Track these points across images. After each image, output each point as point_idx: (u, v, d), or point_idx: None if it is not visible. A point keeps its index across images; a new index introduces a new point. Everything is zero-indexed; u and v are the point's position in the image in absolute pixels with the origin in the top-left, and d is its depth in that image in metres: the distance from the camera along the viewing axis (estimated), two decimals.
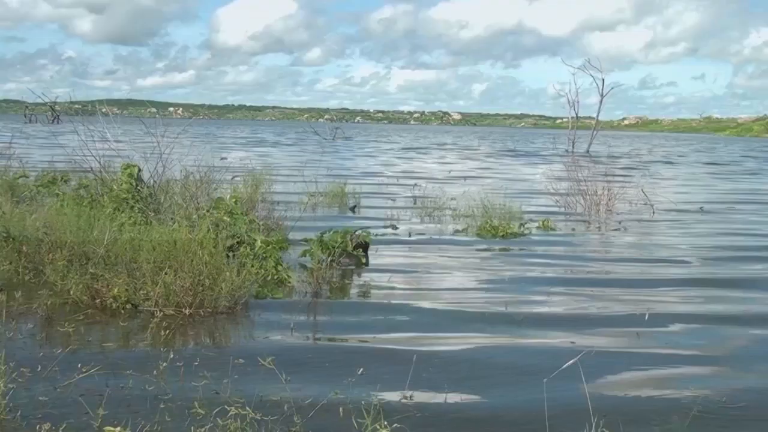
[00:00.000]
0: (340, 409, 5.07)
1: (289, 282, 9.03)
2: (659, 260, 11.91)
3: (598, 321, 8.14)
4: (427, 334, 7.46)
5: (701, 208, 19.79)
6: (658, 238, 14.44)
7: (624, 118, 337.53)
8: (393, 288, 9.35)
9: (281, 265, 9.38)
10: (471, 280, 10.00)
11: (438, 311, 8.36)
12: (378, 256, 11.15)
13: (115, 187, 11.14)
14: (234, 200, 11.07)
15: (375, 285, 9.52)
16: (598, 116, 63.22)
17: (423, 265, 10.81)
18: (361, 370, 5.70)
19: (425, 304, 8.60)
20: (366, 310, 8.30)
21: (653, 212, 18.05)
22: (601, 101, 60.54)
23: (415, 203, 18.20)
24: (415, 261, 11.13)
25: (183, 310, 7.61)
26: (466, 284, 9.77)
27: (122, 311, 7.58)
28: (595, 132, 61.77)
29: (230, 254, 8.57)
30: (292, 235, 11.67)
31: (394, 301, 8.66)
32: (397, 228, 14.10)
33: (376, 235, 12.18)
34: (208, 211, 10.41)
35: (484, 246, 12.71)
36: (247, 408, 4.84)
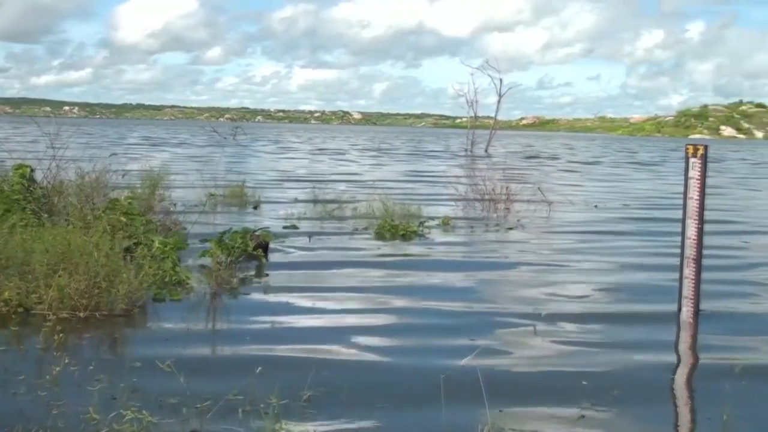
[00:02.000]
0: (239, 410, 5.05)
1: (188, 283, 8.92)
2: (555, 258, 12.19)
3: (495, 317, 8.24)
4: (328, 335, 7.46)
5: (595, 206, 20.32)
6: (553, 235, 14.74)
7: (522, 118, 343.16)
8: (293, 288, 9.31)
9: (179, 266, 9.27)
10: (370, 280, 10.04)
11: (338, 311, 8.37)
12: (278, 256, 11.12)
13: (5, 187, 10.81)
14: (130, 201, 10.86)
15: (275, 285, 9.49)
16: (496, 116, 64.41)
17: (323, 265, 10.82)
18: (259, 368, 5.68)
19: (326, 305, 8.61)
20: (265, 311, 8.24)
21: (549, 210, 18.42)
22: (499, 101, 61.68)
23: (316, 203, 18.17)
24: (315, 260, 11.13)
25: (78, 313, 7.45)
26: (365, 284, 9.80)
27: (14, 315, 7.38)
28: (493, 132, 62.78)
29: (127, 256, 8.43)
30: (191, 236, 11.54)
31: (294, 302, 8.63)
32: (297, 228, 14.06)
33: (277, 235, 12.12)
34: (103, 212, 10.21)
35: (384, 245, 12.79)
36: (144, 412, 4.78)
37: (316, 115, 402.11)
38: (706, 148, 8.11)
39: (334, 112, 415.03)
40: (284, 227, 13.94)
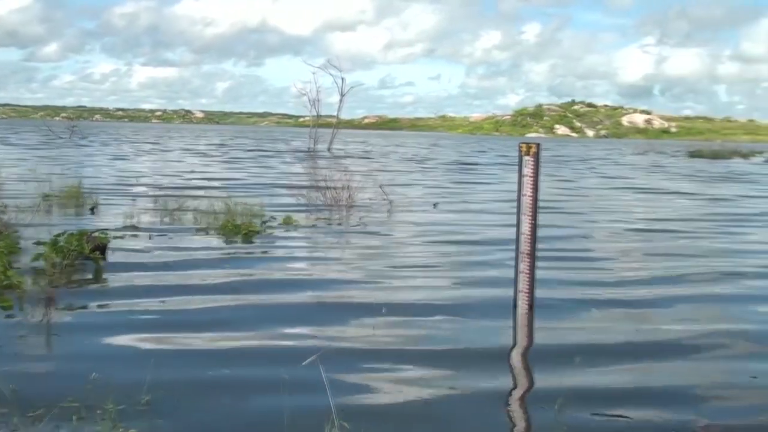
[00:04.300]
0: (74, 417, 4.94)
1: (20, 288, 8.60)
2: (395, 253, 12.43)
3: (338, 315, 8.32)
4: (169, 336, 7.36)
5: (435, 204, 20.77)
6: (394, 233, 15.00)
7: (365, 117, 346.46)
8: (133, 290, 9.13)
9: (11, 270, 8.94)
10: (211, 281, 9.93)
11: (178, 312, 8.26)
12: (117, 258, 10.87)
13: None
14: None
15: (113, 287, 9.28)
16: (338, 115, 64.99)
17: (163, 266, 10.63)
18: (94, 374, 5.57)
19: (165, 306, 8.47)
20: (103, 312, 8.07)
21: (391, 208, 18.71)
22: (341, 100, 62.25)
23: (157, 203, 17.83)
24: (155, 261, 10.92)
25: None
26: (205, 285, 9.67)
27: None
28: (335, 131, 63.23)
29: None
30: (25, 239, 11.15)
31: (133, 304, 8.46)
32: (137, 228, 13.78)
33: (115, 236, 11.85)
34: None
35: (226, 245, 12.68)
36: None
37: (158, 113, 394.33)
38: (538, 146, 8.41)
39: (176, 110, 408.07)
40: (123, 228, 13.63)
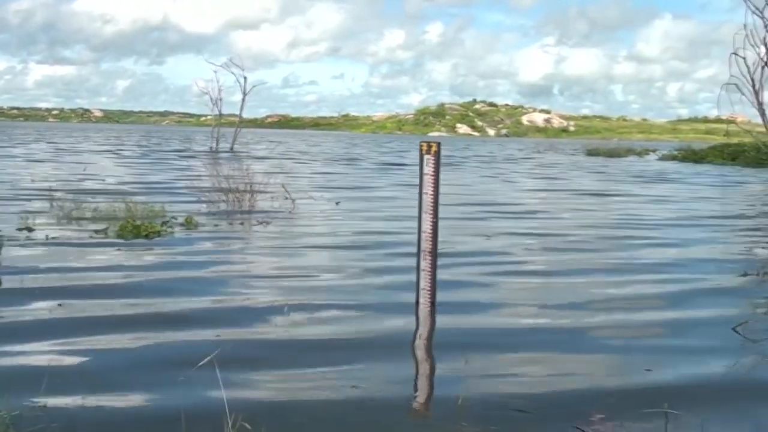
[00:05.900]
0: None
1: None
2: (298, 251, 12.45)
3: (240, 314, 8.30)
4: (65, 337, 7.22)
5: (337, 202, 20.86)
6: (298, 230, 15.01)
7: (267, 116, 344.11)
8: (27, 292, 8.92)
9: None
10: (111, 282, 9.78)
11: (71, 311, 8.11)
12: (11, 260, 10.62)
13: None
14: None
15: (4, 289, 9.05)
16: (241, 114, 64.50)
17: (60, 269, 10.41)
18: None
19: (61, 310, 8.30)
20: None
21: (294, 206, 18.71)
22: (243, 99, 61.85)
23: (52, 205, 17.40)
24: (51, 265, 10.68)
25: None
26: (107, 284, 9.52)
27: None
28: (238, 130, 62.82)
29: None
30: None
31: (26, 306, 8.28)
32: (33, 230, 13.46)
33: (9, 238, 11.57)
34: None
35: (125, 246, 12.48)
36: None
37: (54, 113, 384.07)
38: (438, 145, 8.53)
39: (74, 109, 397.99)
40: (18, 230, 13.30)
